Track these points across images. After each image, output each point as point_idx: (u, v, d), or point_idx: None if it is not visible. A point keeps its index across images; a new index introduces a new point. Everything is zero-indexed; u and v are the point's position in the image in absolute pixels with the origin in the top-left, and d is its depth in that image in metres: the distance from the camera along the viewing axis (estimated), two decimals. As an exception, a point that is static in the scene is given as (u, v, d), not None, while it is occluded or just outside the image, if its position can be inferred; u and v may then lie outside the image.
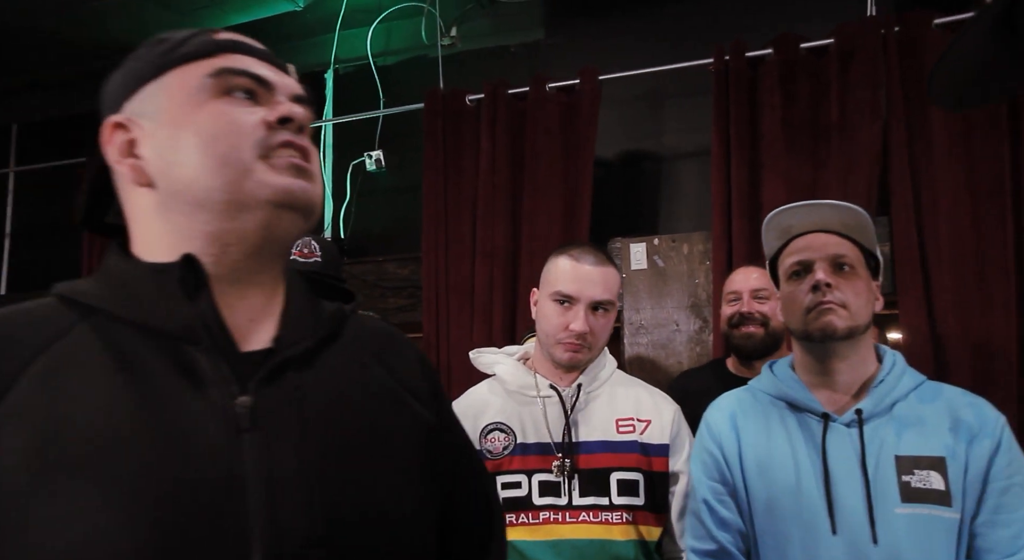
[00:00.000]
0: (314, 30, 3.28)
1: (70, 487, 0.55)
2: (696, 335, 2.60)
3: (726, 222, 2.47)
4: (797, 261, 1.27)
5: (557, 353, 1.43)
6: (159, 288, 0.64)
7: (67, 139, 3.65)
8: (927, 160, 2.29)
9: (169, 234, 0.66)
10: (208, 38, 0.70)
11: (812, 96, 2.45)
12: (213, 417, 0.61)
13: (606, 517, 1.36)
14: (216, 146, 0.65)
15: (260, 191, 0.65)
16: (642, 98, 2.86)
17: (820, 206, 1.28)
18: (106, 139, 0.69)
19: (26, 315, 0.65)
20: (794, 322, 1.27)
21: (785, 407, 1.28)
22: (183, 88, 0.67)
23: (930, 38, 2.31)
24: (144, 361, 0.62)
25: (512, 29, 3.12)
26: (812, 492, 1.18)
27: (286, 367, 0.66)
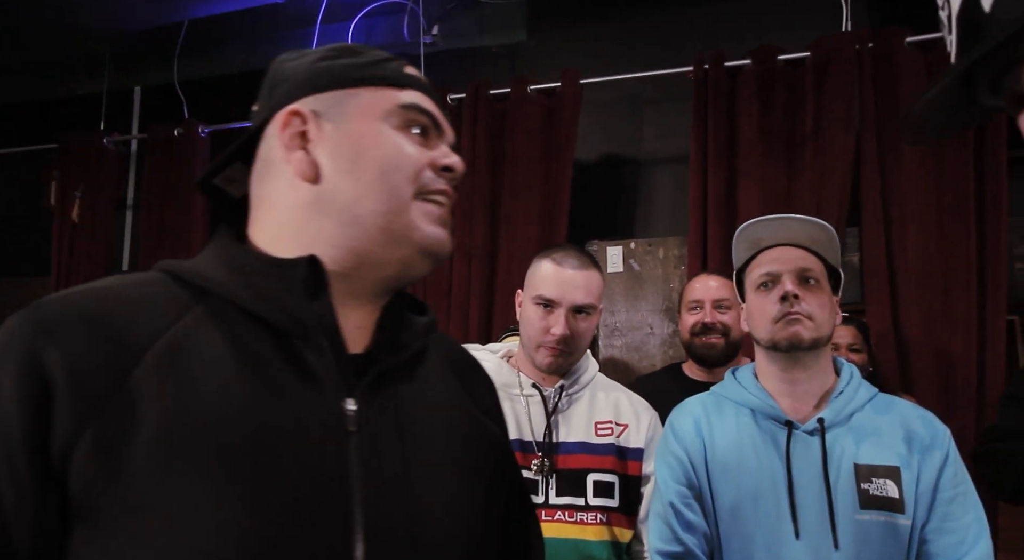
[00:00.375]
0: (295, 23, 3.26)
1: (189, 475, 0.56)
2: (669, 338, 2.64)
3: (702, 228, 2.52)
4: (766, 272, 1.30)
5: (538, 357, 1.45)
6: (281, 282, 0.65)
7: (39, 124, 3.58)
8: (897, 172, 2.36)
9: (309, 234, 0.68)
10: (404, 71, 0.73)
11: (788, 106, 2.51)
12: (323, 417, 0.62)
13: (581, 517, 1.38)
14: (391, 176, 0.68)
15: (410, 233, 0.68)
16: (622, 103, 2.89)
17: (790, 220, 1.32)
18: (282, 124, 0.69)
19: (146, 290, 0.64)
20: (761, 331, 1.30)
21: (749, 413, 1.31)
22: (375, 108, 0.70)
23: (903, 54, 2.38)
24: (259, 353, 0.63)
25: (494, 29, 3.14)
26: (777, 497, 1.22)
27: (386, 375, 0.68)
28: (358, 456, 0.63)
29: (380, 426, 0.65)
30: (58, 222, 3.32)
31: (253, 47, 3.38)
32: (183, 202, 3.15)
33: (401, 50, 3.19)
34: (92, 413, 0.56)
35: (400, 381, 0.70)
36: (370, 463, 0.63)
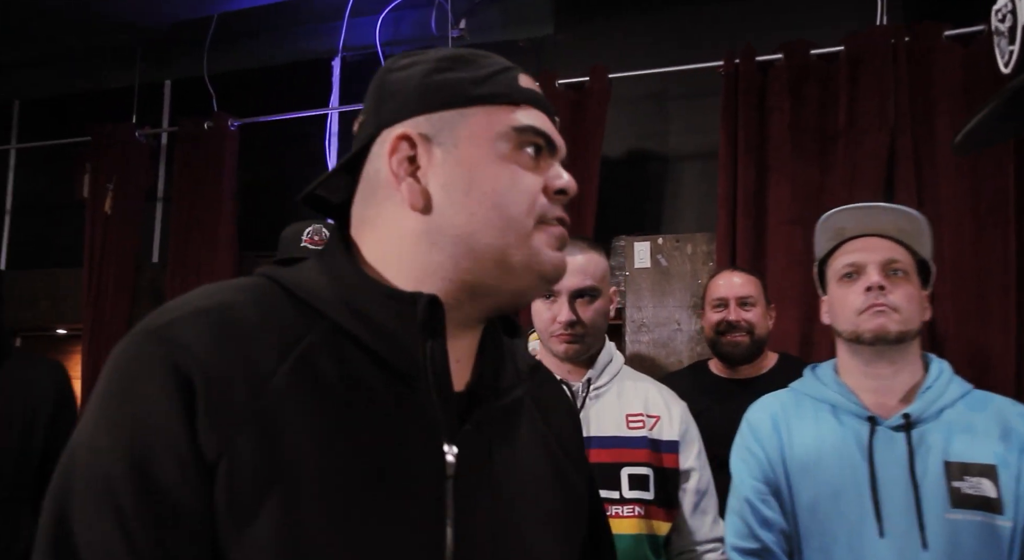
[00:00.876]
0: (323, 16, 3.27)
1: (301, 517, 0.55)
2: (697, 335, 2.62)
3: (731, 223, 2.49)
4: (850, 263, 1.26)
5: (554, 347, 1.45)
6: (398, 320, 0.63)
7: (69, 116, 3.63)
8: (932, 170, 2.32)
9: (420, 267, 0.65)
10: (517, 84, 0.68)
11: (820, 102, 2.47)
12: (426, 460, 0.61)
13: (616, 511, 1.38)
14: (506, 207, 0.64)
15: (532, 262, 0.65)
16: (650, 98, 2.87)
17: (876, 209, 1.27)
18: (391, 148, 0.66)
19: (265, 305, 0.62)
20: (844, 324, 1.26)
21: (829, 409, 1.28)
22: (487, 132, 0.66)
23: (939, 49, 2.34)
24: (371, 389, 0.61)
25: (521, 23, 3.12)
26: (859, 494, 1.18)
27: (483, 419, 0.66)
28: (454, 502, 0.62)
29: (476, 472, 0.64)
30: (90, 214, 3.36)
31: (282, 41, 3.40)
32: (212, 195, 3.18)
33: (428, 44, 3.19)
34: (232, 431, 0.55)
35: (498, 425, 0.67)
36: (465, 509, 0.62)
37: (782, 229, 2.45)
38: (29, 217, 3.77)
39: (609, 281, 1.49)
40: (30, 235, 3.75)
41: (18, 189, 3.81)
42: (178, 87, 3.60)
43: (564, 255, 0.68)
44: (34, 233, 3.74)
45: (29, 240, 3.75)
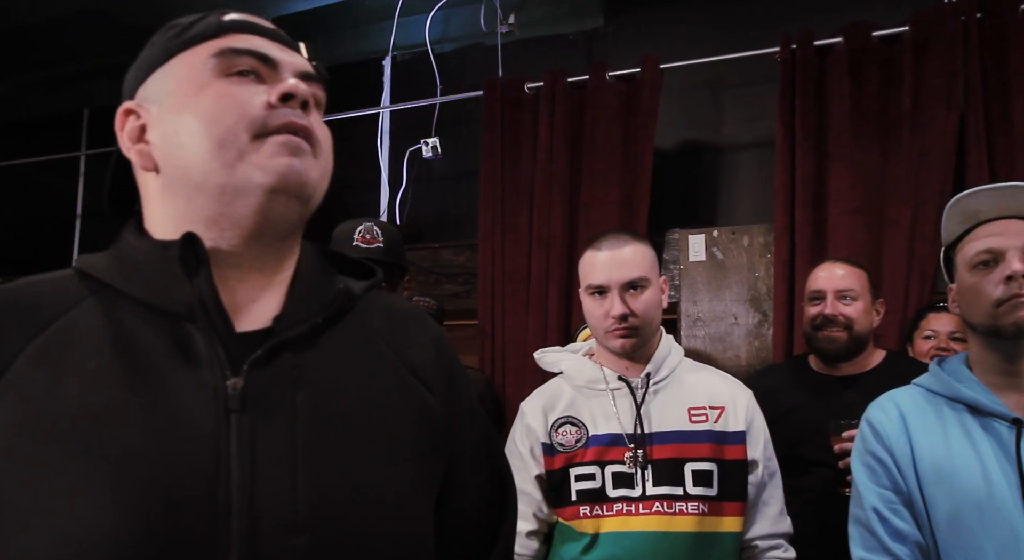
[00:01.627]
0: (373, 17, 3.31)
1: (57, 463, 0.56)
2: (755, 329, 2.55)
3: (789, 214, 2.42)
4: (986, 249, 1.16)
5: (610, 343, 1.43)
6: (162, 266, 0.64)
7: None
8: (1007, 154, 2.19)
9: (172, 218, 0.66)
10: (214, 19, 0.68)
11: (883, 86, 2.37)
12: (203, 398, 0.60)
13: (680, 508, 1.35)
14: (214, 128, 0.63)
15: (253, 175, 0.63)
16: (703, 87, 2.81)
17: (1016, 189, 1.16)
18: (119, 125, 0.69)
19: (39, 288, 0.65)
20: (979, 316, 1.17)
21: (964, 410, 1.18)
22: (188, 71, 0.66)
23: (1015, 24, 2.21)
24: (142, 339, 0.62)
25: (571, 16, 3.10)
26: (1007, 504, 1.09)
27: (283, 348, 0.65)
28: (240, 434, 0.60)
29: (271, 402, 0.62)
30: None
31: (334, 42, 3.44)
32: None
33: (478, 41, 3.19)
34: None
35: (303, 352, 0.66)
36: (254, 440, 0.60)
37: (843, 220, 2.36)
38: (100, 222, 3.92)
39: (658, 271, 1.46)
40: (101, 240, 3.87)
41: (88, 195, 3.96)
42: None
43: (293, 160, 0.64)
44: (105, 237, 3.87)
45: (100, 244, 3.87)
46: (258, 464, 0.59)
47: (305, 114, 0.66)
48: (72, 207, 3.97)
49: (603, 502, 1.36)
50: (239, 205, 0.64)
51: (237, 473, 0.59)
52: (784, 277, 2.38)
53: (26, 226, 4.01)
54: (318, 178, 0.67)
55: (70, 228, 3.96)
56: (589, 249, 1.46)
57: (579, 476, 1.38)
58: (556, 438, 1.42)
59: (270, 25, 0.70)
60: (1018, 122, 2.18)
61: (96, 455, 0.56)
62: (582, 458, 1.39)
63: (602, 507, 1.36)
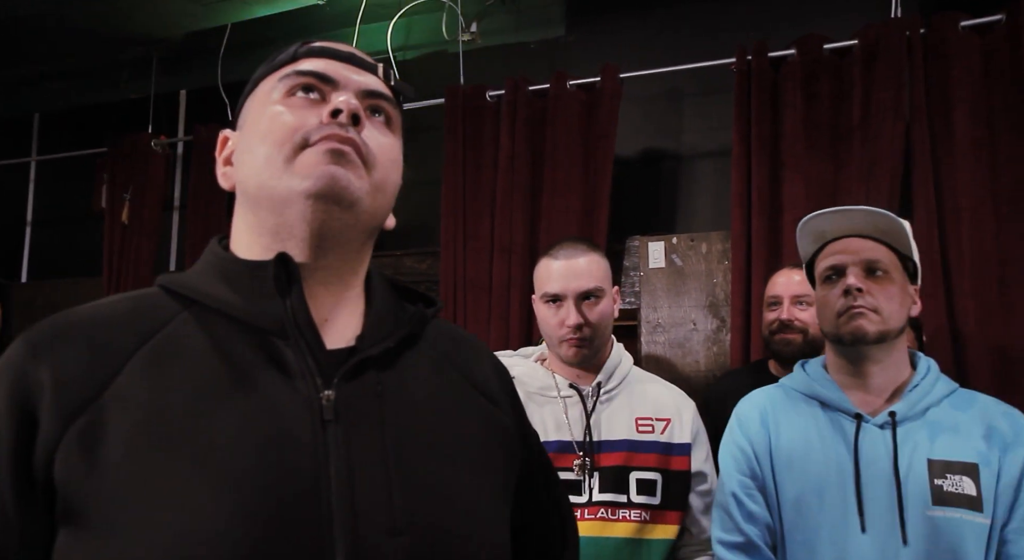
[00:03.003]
0: (335, 23, 3.29)
1: (169, 468, 0.58)
2: (713, 334, 2.60)
3: (745, 221, 2.47)
4: (830, 265, 1.29)
5: (563, 352, 1.45)
6: (255, 284, 0.67)
7: (89, 128, 3.68)
8: (950, 163, 2.28)
9: (246, 232, 0.71)
10: (297, 48, 0.72)
11: (834, 97, 2.44)
12: (299, 408, 0.63)
13: (623, 514, 1.38)
14: (266, 143, 0.67)
15: (294, 182, 0.66)
16: (662, 96, 2.86)
17: (853, 211, 1.29)
18: (217, 152, 0.76)
19: (138, 303, 0.68)
20: (826, 325, 1.30)
21: (817, 405, 1.30)
22: (261, 96, 0.72)
23: (956, 40, 2.30)
24: (239, 352, 0.65)
25: (532, 25, 3.12)
26: (843, 490, 1.20)
27: (367, 365, 0.68)
28: (336, 443, 0.63)
29: (361, 414, 0.65)
30: (108, 224, 3.40)
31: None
32: (227, 202, 3.20)
33: (440, 48, 3.20)
34: (74, 414, 0.59)
35: (385, 369, 0.69)
36: (350, 449, 0.63)
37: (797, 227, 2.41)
38: (49, 228, 3.82)
39: (611, 281, 1.48)
40: (51, 246, 3.80)
41: (38, 201, 3.87)
42: (193, 97, 3.64)
43: (333, 167, 0.66)
44: (55, 244, 3.79)
45: (50, 251, 3.80)
46: (354, 470, 0.62)
47: (356, 129, 0.68)
48: (23, 213, 3.87)
49: None
50: (289, 214, 0.67)
51: (336, 479, 0.61)
52: (741, 283, 2.43)
53: (-26, 233, 3.90)
54: (364, 188, 0.68)
55: (20, 235, 3.86)
56: (545, 257, 1.48)
57: None
58: None
59: (346, 49, 0.73)
60: (959, 132, 2.27)
61: (205, 461, 0.59)
62: None
63: None
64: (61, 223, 3.79)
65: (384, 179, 0.71)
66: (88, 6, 2.91)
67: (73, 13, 2.96)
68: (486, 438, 0.74)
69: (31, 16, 3.00)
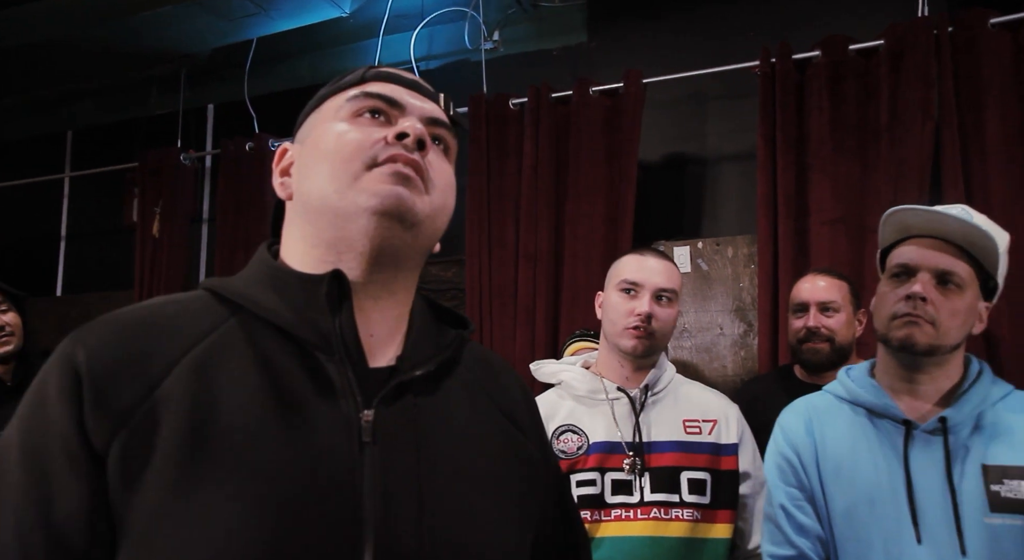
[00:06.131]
0: (359, 35, 3.33)
1: (210, 475, 0.59)
2: (740, 339, 2.58)
3: (771, 225, 2.45)
4: (903, 263, 1.23)
5: (623, 341, 1.47)
6: (307, 297, 0.68)
7: (120, 144, 3.76)
8: (981, 163, 2.24)
9: (300, 241, 0.72)
10: (360, 70, 0.75)
11: (861, 98, 2.42)
12: (340, 427, 0.64)
13: (676, 514, 1.40)
14: (334, 159, 0.69)
15: (359, 198, 0.67)
16: (685, 101, 2.85)
17: (945, 216, 1.21)
18: (275, 162, 0.77)
19: (185, 306, 0.69)
20: (879, 323, 1.25)
21: (864, 413, 1.26)
22: (328, 112, 0.73)
23: (985, 38, 2.26)
24: (284, 365, 0.65)
25: (554, 32, 3.13)
26: (895, 500, 1.17)
27: (406, 387, 0.69)
28: (372, 466, 0.63)
29: (397, 437, 0.66)
30: (139, 237, 3.46)
31: (319, 60, 3.46)
32: (256, 214, 3.25)
33: (462, 57, 3.22)
34: (121, 422, 0.59)
35: (421, 394, 0.70)
36: (385, 473, 0.64)
37: (824, 230, 2.39)
38: (83, 243, 3.90)
39: (680, 296, 1.54)
40: (84, 260, 3.88)
41: (72, 216, 3.95)
42: (221, 111, 3.70)
43: (396, 187, 0.68)
44: (88, 258, 3.87)
45: (83, 265, 3.88)
46: (389, 494, 0.63)
47: (421, 153, 0.70)
48: (57, 228, 3.95)
49: (602, 508, 1.40)
50: (350, 228, 0.68)
51: (370, 501, 0.62)
52: (768, 287, 2.41)
53: (11, 248, 3.99)
54: (426, 210, 0.70)
55: (55, 250, 3.94)
56: (631, 253, 1.55)
57: (580, 482, 1.42)
58: (557, 446, 1.46)
59: (410, 75, 0.76)
60: (991, 131, 2.23)
61: (245, 471, 0.59)
62: (583, 465, 1.43)
63: (601, 512, 1.40)
64: (94, 237, 3.87)
65: (443, 204, 0.73)
66: (117, 26, 2.98)
67: (103, 33, 3.02)
68: (513, 467, 0.75)
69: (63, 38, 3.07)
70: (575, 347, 2.19)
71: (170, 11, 2.88)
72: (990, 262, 1.22)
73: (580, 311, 2.62)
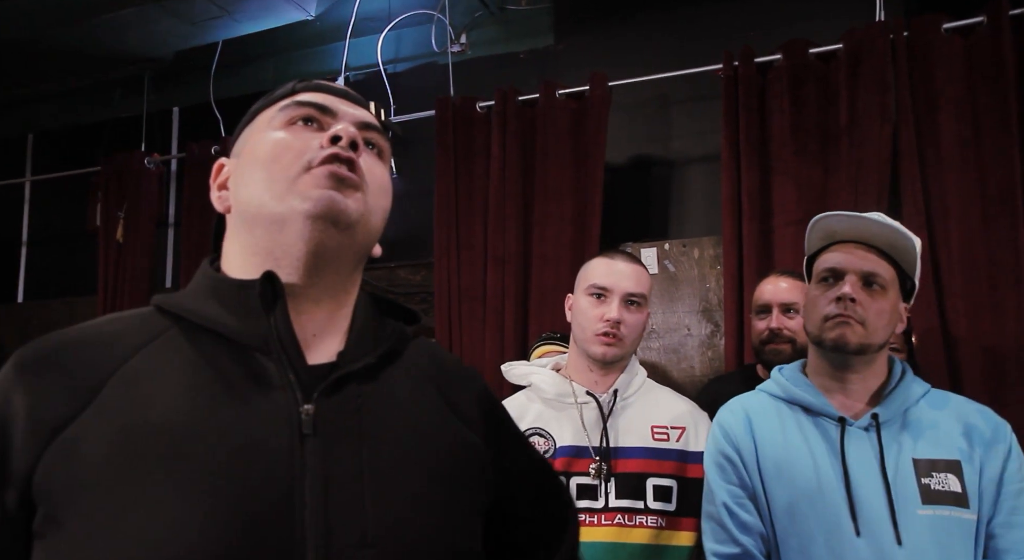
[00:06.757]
0: (326, 38, 3.31)
1: (145, 477, 0.60)
2: (708, 340, 2.61)
3: (736, 226, 2.48)
4: (830, 268, 1.28)
5: (592, 347, 1.46)
6: (241, 301, 0.70)
7: (81, 148, 3.69)
8: (937, 164, 2.29)
9: (239, 252, 0.74)
10: (297, 83, 0.78)
11: (821, 101, 2.46)
12: (279, 422, 0.66)
13: (640, 520, 1.40)
14: (269, 166, 0.71)
15: (295, 203, 0.69)
16: (651, 103, 2.87)
17: (867, 220, 1.28)
18: (212, 177, 0.80)
19: (124, 322, 0.71)
20: (811, 326, 1.30)
21: (800, 411, 1.30)
22: (261, 124, 0.76)
23: (939, 42, 2.32)
24: (221, 367, 0.67)
25: (521, 36, 3.14)
26: (833, 494, 1.21)
27: (347, 380, 0.70)
28: (313, 456, 0.65)
29: (339, 428, 0.67)
30: (103, 242, 3.41)
31: (286, 63, 3.44)
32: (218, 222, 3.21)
33: (430, 60, 3.22)
34: (56, 430, 0.62)
35: (364, 386, 0.71)
36: (327, 464, 0.65)
37: (788, 230, 2.43)
38: (45, 248, 3.83)
39: (649, 301, 1.53)
40: (46, 266, 3.81)
41: (33, 221, 3.87)
42: (186, 114, 3.65)
43: (333, 191, 0.69)
44: (50, 264, 3.80)
45: (46, 271, 3.80)
46: (330, 484, 0.64)
47: (355, 155, 0.72)
48: (18, 234, 3.87)
49: None
50: (287, 233, 0.69)
51: (311, 492, 0.63)
52: (734, 288, 2.44)
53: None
54: (361, 211, 0.72)
55: (16, 255, 3.86)
56: (600, 257, 1.54)
57: None
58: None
59: (339, 85, 0.79)
60: (946, 135, 2.28)
61: (180, 471, 0.61)
62: None
63: None
64: (56, 242, 3.80)
65: (377, 204, 0.75)
66: (80, 27, 2.93)
67: (65, 34, 2.97)
68: (457, 455, 0.76)
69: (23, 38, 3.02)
70: (542, 350, 2.20)
71: (132, 14, 2.84)
72: (909, 264, 1.28)
73: (548, 313, 2.63)
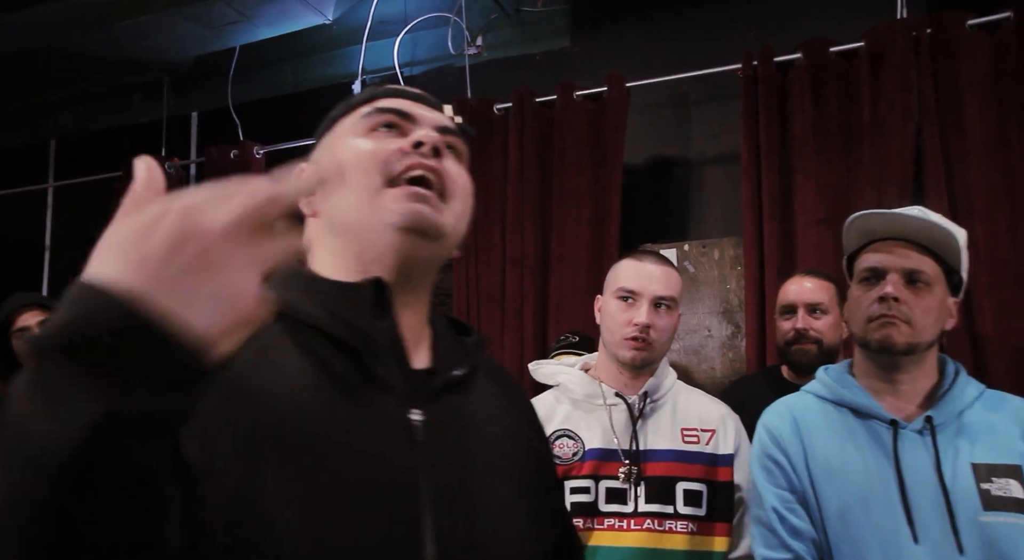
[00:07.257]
0: (342, 42, 3.32)
1: (266, 474, 0.59)
2: (728, 341, 2.59)
3: (757, 227, 2.46)
4: (870, 267, 1.25)
5: (621, 352, 1.44)
6: (348, 304, 0.69)
7: (104, 153, 3.73)
8: (961, 163, 2.26)
9: (330, 255, 0.74)
10: (374, 89, 0.78)
11: (843, 100, 2.44)
12: (393, 426, 0.66)
13: (670, 525, 1.38)
14: (353, 176, 0.72)
15: (384, 216, 0.70)
16: (669, 104, 2.86)
17: (906, 216, 1.24)
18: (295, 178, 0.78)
19: None
20: (855, 327, 1.26)
21: (848, 413, 1.26)
22: (343, 130, 0.77)
23: (963, 39, 2.29)
24: (333, 365, 0.66)
25: (538, 37, 3.14)
26: (888, 500, 1.17)
27: (447, 388, 0.72)
28: (424, 464, 0.66)
29: (443, 436, 0.68)
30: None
31: (303, 67, 3.45)
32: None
33: (446, 63, 3.22)
34: None
35: (457, 395, 0.73)
36: (435, 470, 0.66)
37: (810, 231, 2.41)
38: (68, 253, 3.87)
39: (680, 302, 1.50)
40: (70, 271, 3.83)
41: (56, 226, 3.92)
42: (205, 118, 3.68)
43: (417, 205, 0.70)
44: (74, 269, 3.81)
45: (69, 276, 3.82)
46: (441, 492, 0.66)
47: (437, 160, 0.73)
48: (41, 239, 3.92)
49: (595, 516, 1.38)
50: (377, 241, 0.71)
51: (426, 498, 0.64)
52: (755, 289, 2.42)
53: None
54: (447, 220, 0.73)
55: (39, 259, 3.91)
56: (628, 258, 1.50)
57: (574, 489, 1.40)
58: (553, 450, 1.43)
59: (416, 90, 0.80)
60: (970, 131, 2.25)
61: (306, 468, 0.60)
62: (578, 471, 1.41)
63: (593, 521, 1.38)
64: (79, 247, 3.82)
65: (461, 209, 0.76)
66: (100, 34, 2.96)
67: (85, 42, 3.01)
68: (531, 462, 0.78)
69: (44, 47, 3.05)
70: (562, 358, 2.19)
71: (151, 20, 2.86)
72: (953, 258, 1.24)
73: (567, 315, 2.63)
